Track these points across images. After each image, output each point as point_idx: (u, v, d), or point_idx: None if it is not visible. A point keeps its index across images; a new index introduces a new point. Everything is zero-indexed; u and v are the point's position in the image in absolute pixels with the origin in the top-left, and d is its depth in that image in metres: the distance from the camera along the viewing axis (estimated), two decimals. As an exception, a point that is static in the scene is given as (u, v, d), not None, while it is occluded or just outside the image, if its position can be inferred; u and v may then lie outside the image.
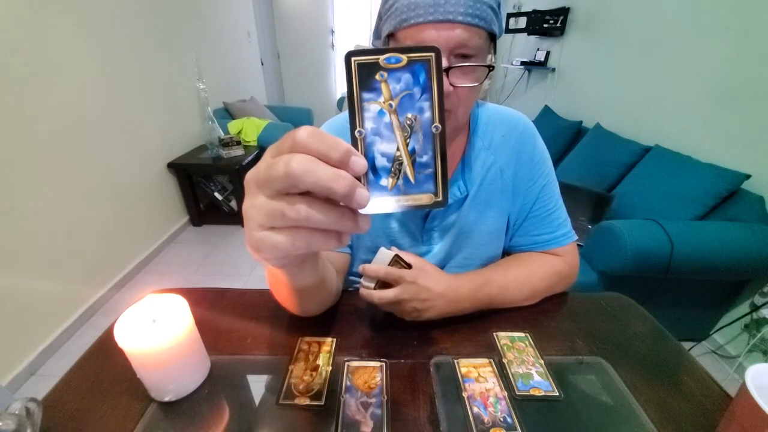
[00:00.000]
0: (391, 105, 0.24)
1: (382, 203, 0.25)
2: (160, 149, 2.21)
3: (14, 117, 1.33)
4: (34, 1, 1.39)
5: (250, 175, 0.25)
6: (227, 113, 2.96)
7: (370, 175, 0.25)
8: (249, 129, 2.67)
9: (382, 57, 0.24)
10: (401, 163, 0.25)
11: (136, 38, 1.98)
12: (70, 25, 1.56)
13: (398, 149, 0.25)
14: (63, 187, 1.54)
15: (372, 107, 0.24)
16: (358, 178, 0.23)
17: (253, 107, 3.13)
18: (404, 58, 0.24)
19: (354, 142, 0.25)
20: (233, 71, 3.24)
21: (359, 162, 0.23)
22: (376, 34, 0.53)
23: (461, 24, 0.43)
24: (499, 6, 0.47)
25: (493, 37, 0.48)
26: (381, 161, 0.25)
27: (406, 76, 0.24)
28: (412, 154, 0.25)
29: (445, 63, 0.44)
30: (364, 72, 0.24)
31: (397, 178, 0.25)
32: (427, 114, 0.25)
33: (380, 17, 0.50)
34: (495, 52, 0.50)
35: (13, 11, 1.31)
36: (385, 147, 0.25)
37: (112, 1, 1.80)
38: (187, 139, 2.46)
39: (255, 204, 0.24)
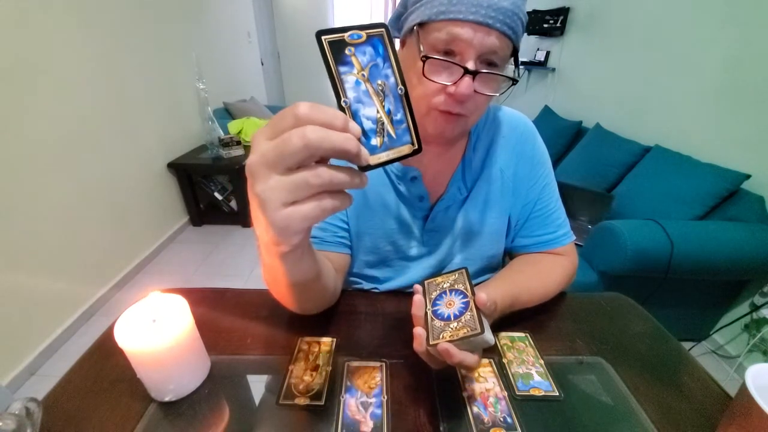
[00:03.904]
0: (363, 75, 0.28)
1: (377, 159, 0.29)
2: (160, 149, 2.21)
3: (14, 117, 1.33)
4: (35, 2, 1.39)
5: (256, 160, 0.26)
6: (227, 113, 2.96)
7: (362, 138, 0.28)
8: (249, 129, 2.67)
9: (346, 34, 0.27)
10: (383, 123, 0.29)
11: (137, 38, 1.98)
12: (71, 25, 1.56)
13: (378, 112, 0.29)
14: (63, 187, 1.54)
15: (349, 78, 0.27)
16: None
17: (253, 107, 3.13)
18: (363, 34, 0.27)
19: (341, 111, 0.27)
20: (233, 71, 3.24)
21: (356, 127, 0.26)
22: (396, 24, 0.52)
23: (497, 31, 0.43)
24: (525, 23, 0.47)
25: (515, 52, 0.48)
26: (367, 124, 0.28)
27: (369, 50, 0.28)
28: (388, 114, 0.29)
29: (472, 66, 0.44)
30: (335, 48, 0.27)
31: (383, 136, 0.29)
32: (392, 79, 0.29)
33: (405, 6, 0.50)
34: (517, 67, 0.50)
35: (13, 11, 1.31)
36: (368, 111, 0.28)
37: (113, 2, 1.80)
38: (187, 139, 2.46)
39: (271, 185, 0.25)
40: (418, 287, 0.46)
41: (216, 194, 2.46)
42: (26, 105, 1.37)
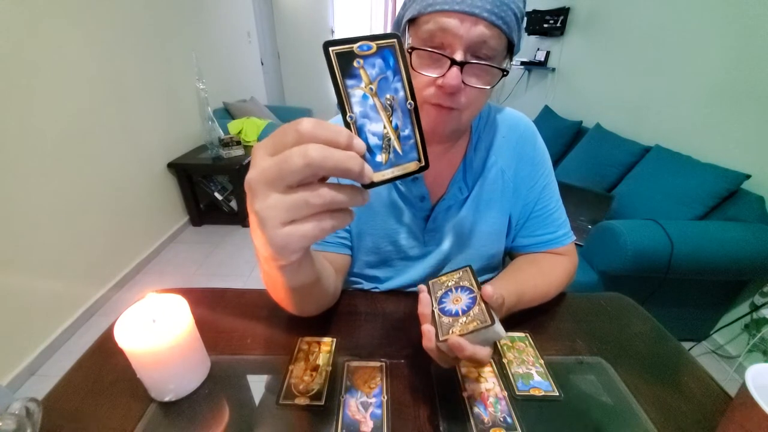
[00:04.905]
0: (371, 89, 0.27)
1: (381, 176, 0.28)
2: (160, 149, 2.21)
3: (15, 117, 1.33)
4: (34, 2, 1.39)
5: (255, 177, 0.25)
6: (227, 113, 2.96)
7: (367, 154, 0.27)
8: (249, 129, 2.67)
9: (355, 45, 0.26)
10: (389, 139, 0.28)
11: (136, 38, 1.98)
12: (71, 25, 1.56)
13: (385, 127, 0.28)
14: (63, 187, 1.54)
15: (356, 92, 0.27)
16: None
17: (253, 107, 3.13)
18: (374, 45, 0.26)
19: (347, 126, 0.26)
20: (233, 71, 3.24)
21: (360, 144, 0.26)
22: (397, 22, 0.52)
23: (485, 21, 0.42)
24: (522, 18, 0.46)
25: (511, 48, 0.48)
26: (373, 140, 0.28)
27: (379, 62, 0.27)
28: (395, 129, 0.28)
29: (459, 57, 0.43)
30: (342, 60, 0.26)
31: (389, 153, 0.28)
32: (401, 93, 0.28)
33: (404, 6, 0.50)
34: (510, 60, 0.49)
35: (13, 12, 1.31)
36: (374, 127, 0.27)
37: (113, 2, 1.80)
38: (187, 139, 2.46)
39: (270, 203, 0.25)
40: (422, 287, 0.46)
41: (216, 194, 2.46)
42: (25, 105, 1.37)
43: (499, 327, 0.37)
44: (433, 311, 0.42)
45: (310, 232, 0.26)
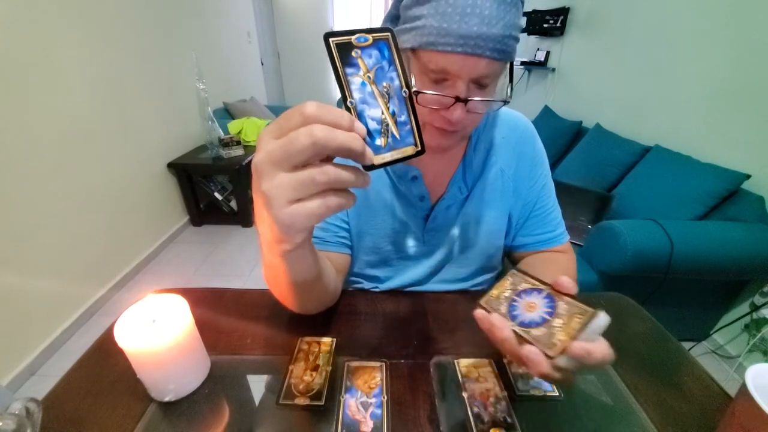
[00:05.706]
0: (369, 77, 0.28)
1: (380, 159, 0.29)
2: (160, 149, 2.21)
3: (14, 117, 1.33)
4: (34, 2, 1.39)
5: (262, 159, 0.26)
6: (227, 113, 2.96)
7: (366, 138, 0.28)
8: (249, 129, 2.67)
9: (353, 37, 0.28)
10: (387, 124, 0.30)
11: (136, 38, 1.98)
12: (71, 25, 1.56)
13: (383, 113, 0.29)
14: (63, 187, 1.54)
15: (355, 80, 0.28)
16: None
17: (253, 107, 3.13)
18: (370, 38, 0.28)
19: (348, 111, 0.28)
20: (233, 71, 3.24)
21: (361, 127, 0.27)
22: (392, 18, 0.52)
23: (487, 58, 0.43)
24: (519, 36, 0.47)
25: (511, 63, 0.48)
26: (372, 125, 0.29)
27: (375, 52, 0.29)
28: (393, 115, 0.30)
29: (463, 91, 0.44)
30: (342, 50, 0.27)
31: (387, 137, 0.30)
32: (397, 82, 0.29)
33: (398, 8, 0.49)
34: (511, 79, 0.49)
35: (12, 12, 1.31)
36: (373, 112, 0.29)
37: (113, 2, 1.80)
38: (187, 139, 2.46)
39: (276, 183, 0.26)
40: (481, 312, 0.36)
41: (216, 194, 2.46)
42: (25, 105, 1.37)
43: (602, 312, 0.31)
44: (514, 331, 0.34)
45: (316, 210, 0.26)
